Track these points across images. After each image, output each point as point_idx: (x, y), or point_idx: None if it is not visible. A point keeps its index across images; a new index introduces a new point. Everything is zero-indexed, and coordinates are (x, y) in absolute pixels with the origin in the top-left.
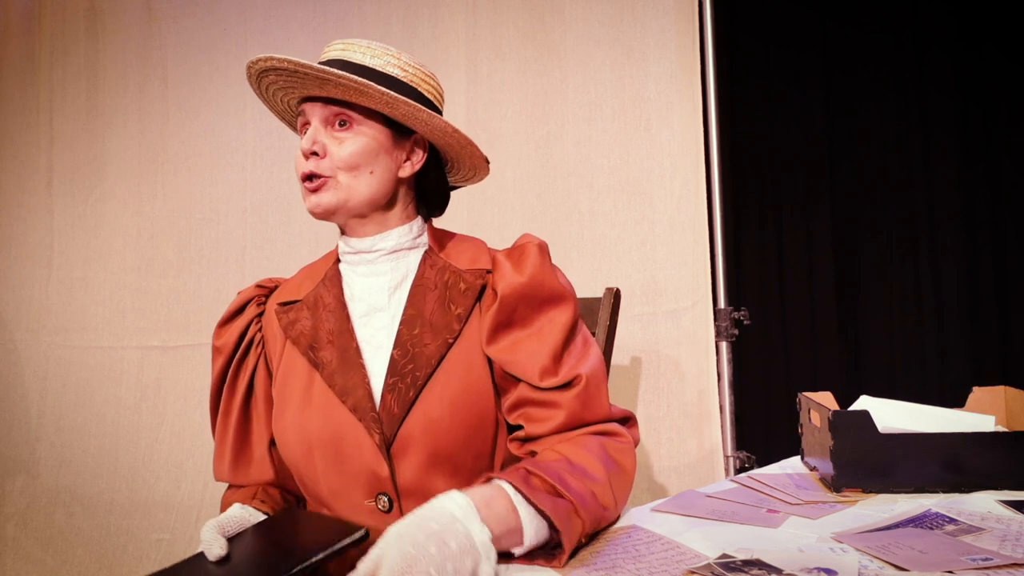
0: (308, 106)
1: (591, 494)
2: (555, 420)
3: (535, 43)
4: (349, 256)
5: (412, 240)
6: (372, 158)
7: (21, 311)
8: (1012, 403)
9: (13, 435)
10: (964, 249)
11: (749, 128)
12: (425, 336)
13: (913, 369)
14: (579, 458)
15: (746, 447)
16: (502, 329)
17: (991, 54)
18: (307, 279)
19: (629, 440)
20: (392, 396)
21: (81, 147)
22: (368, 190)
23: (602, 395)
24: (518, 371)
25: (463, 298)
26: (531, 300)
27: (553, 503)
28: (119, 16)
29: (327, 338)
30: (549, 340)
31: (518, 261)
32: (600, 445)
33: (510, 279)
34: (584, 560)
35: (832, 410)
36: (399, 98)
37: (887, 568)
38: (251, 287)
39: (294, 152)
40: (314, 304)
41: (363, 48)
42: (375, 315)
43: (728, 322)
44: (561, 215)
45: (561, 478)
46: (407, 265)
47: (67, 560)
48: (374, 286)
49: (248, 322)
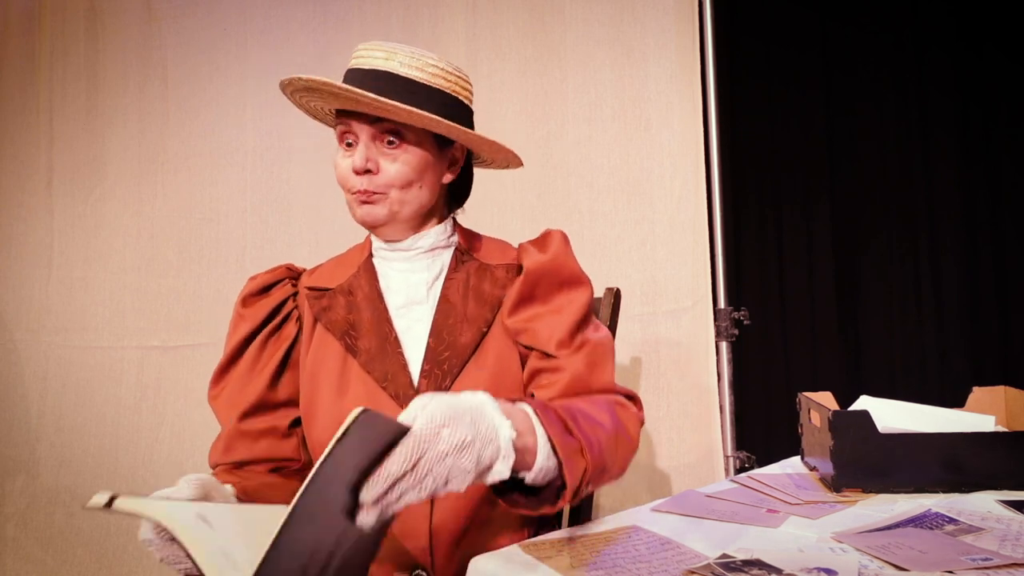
0: (356, 123)
1: (598, 442)
2: (561, 382)
3: (535, 43)
4: (385, 252)
5: (447, 240)
6: (422, 173)
7: (21, 311)
8: (1012, 403)
9: (13, 435)
10: (964, 249)
11: (749, 128)
12: (460, 326)
13: (913, 369)
14: (591, 409)
15: (746, 447)
16: (524, 302)
17: (991, 54)
18: (338, 268)
19: (637, 413)
20: (428, 382)
21: (81, 147)
22: (418, 203)
23: (608, 364)
24: (534, 341)
25: (494, 290)
26: (553, 278)
27: (563, 438)
28: (119, 16)
29: (365, 327)
30: (567, 317)
31: (542, 244)
32: (610, 405)
33: (535, 257)
34: (584, 560)
35: (832, 410)
36: (453, 126)
37: (887, 568)
38: (281, 267)
39: (294, 152)
40: (349, 293)
41: (407, 57)
42: (413, 307)
43: (728, 322)
44: (561, 215)
45: (575, 418)
46: (442, 261)
47: (67, 560)
48: (412, 281)
49: (285, 297)
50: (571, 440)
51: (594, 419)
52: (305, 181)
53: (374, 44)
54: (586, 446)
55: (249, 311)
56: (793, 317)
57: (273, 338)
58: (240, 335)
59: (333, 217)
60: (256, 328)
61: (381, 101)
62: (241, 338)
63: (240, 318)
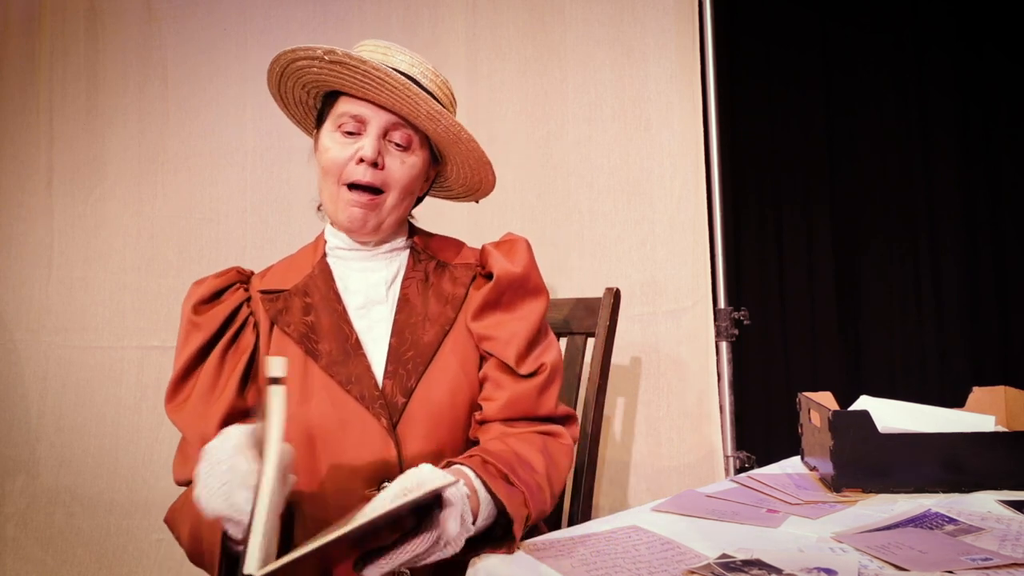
0: (372, 110)
1: (537, 486)
2: (506, 398)
3: (535, 43)
4: (342, 252)
5: (405, 240)
6: (419, 184)
7: (21, 311)
8: (1012, 403)
9: (13, 435)
10: (964, 249)
11: (749, 128)
12: (422, 325)
13: (913, 369)
14: (525, 452)
15: (746, 447)
16: (490, 308)
17: (991, 54)
18: (291, 270)
19: (569, 441)
20: (393, 383)
21: (81, 147)
22: (402, 212)
23: (555, 388)
24: (496, 349)
25: (455, 288)
26: (519, 289)
27: (508, 491)
28: (119, 16)
29: (324, 329)
30: (527, 326)
31: (510, 252)
32: (542, 442)
33: (505, 266)
34: (584, 560)
35: (832, 410)
36: (474, 141)
37: (887, 568)
38: (231, 270)
39: (294, 152)
40: (304, 295)
41: (407, 59)
42: (373, 308)
43: (728, 322)
44: (561, 215)
45: (513, 468)
46: (399, 261)
47: (67, 560)
48: (371, 280)
49: (239, 303)
50: (515, 492)
51: (529, 464)
52: (305, 181)
53: (370, 42)
54: (528, 494)
55: (203, 319)
56: (793, 317)
57: (232, 349)
58: (195, 345)
59: None
60: (211, 338)
61: (416, 93)
62: (196, 348)
63: (193, 326)
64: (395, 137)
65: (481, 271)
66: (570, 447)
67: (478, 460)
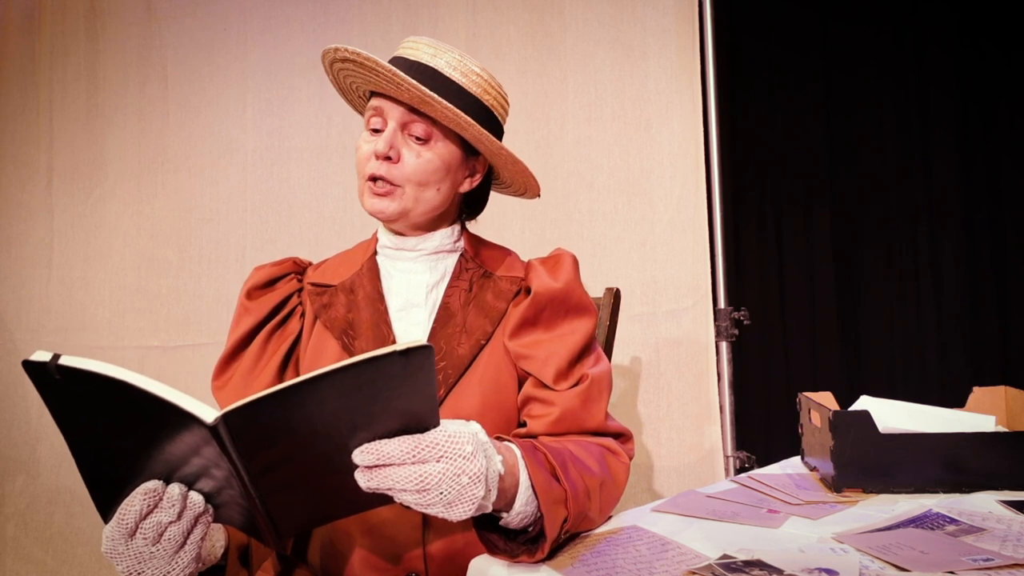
0: (388, 105)
1: (584, 489)
2: (553, 415)
3: (535, 43)
4: (389, 250)
5: (452, 244)
6: (442, 176)
7: (21, 311)
8: (1012, 403)
9: (13, 435)
10: (964, 249)
11: (749, 128)
12: (458, 337)
13: (913, 369)
14: (582, 454)
15: (746, 447)
16: (527, 326)
17: (991, 53)
18: (343, 265)
19: (626, 460)
20: None
21: (81, 147)
22: (430, 205)
23: (603, 401)
24: (533, 368)
25: (497, 302)
26: (560, 306)
27: (548, 484)
28: (119, 16)
29: (363, 327)
30: (568, 346)
31: (553, 267)
32: (601, 451)
33: (545, 281)
34: (584, 560)
35: (832, 410)
36: (484, 133)
37: (888, 568)
38: (288, 260)
39: (294, 152)
40: (350, 291)
41: (452, 59)
42: (411, 310)
43: (728, 322)
44: (561, 215)
45: (564, 464)
46: (445, 266)
47: (67, 560)
48: (412, 283)
49: (291, 292)
50: (556, 487)
51: (584, 465)
52: (305, 181)
53: (422, 39)
54: (571, 495)
55: (254, 304)
56: (793, 317)
57: (277, 333)
58: (244, 328)
59: (333, 217)
60: (260, 322)
61: (420, 89)
62: (245, 331)
63: (245, 310)
64: (415, 130)
65: (525, 286)
66: (627, 465)
67: (529, 445)
